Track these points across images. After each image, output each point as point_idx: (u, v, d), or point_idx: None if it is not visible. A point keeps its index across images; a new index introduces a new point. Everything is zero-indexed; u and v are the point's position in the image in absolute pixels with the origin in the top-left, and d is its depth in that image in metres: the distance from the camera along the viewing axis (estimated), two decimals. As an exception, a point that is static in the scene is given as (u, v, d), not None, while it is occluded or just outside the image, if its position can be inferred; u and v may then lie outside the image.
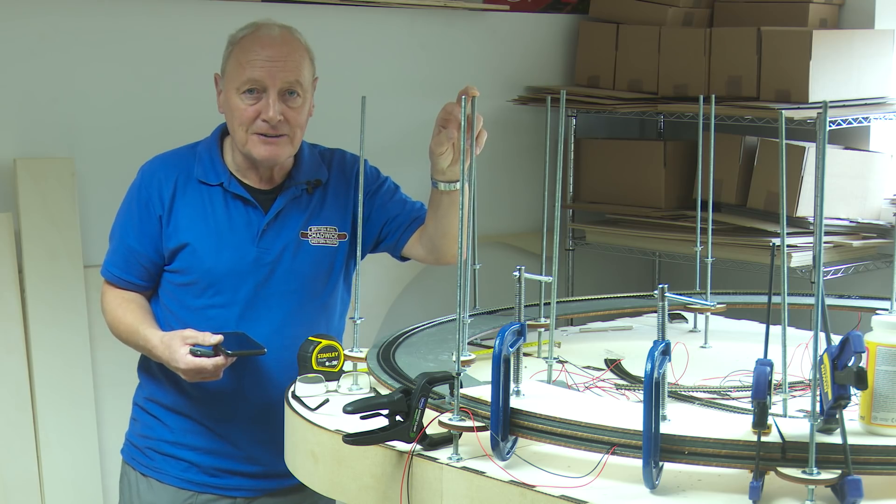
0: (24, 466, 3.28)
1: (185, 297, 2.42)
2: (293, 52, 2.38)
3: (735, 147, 3.94)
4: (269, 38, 2.37)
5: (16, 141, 3.36)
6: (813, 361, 1.60)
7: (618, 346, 2.46)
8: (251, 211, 2.43)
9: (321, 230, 2.46)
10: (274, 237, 2.42)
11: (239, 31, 2.41)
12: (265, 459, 2.44)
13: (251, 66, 2.34)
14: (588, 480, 1.60)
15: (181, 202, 2.42)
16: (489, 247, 4.10)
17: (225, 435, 2.45)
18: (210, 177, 2.43)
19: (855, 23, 4.09)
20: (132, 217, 2.45)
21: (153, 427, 2.49)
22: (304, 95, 2.39)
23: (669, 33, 4.19)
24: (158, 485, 2.47)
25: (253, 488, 2.48)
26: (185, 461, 2.46)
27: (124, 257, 2.45)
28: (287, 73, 2.36)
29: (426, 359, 2.10)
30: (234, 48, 2.39)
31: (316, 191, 2.48)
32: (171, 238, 2.41)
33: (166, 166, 2.45)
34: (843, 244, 3.84)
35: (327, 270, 2.47)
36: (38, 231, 3.33)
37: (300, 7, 3.80)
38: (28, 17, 3.35)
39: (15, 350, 3.28)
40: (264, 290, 2.41)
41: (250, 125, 2.36)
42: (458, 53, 4.23)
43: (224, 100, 2.41)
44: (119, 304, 2.45)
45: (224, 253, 2.40)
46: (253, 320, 2.40)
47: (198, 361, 2.24)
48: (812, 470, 1.51)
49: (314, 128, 2.72)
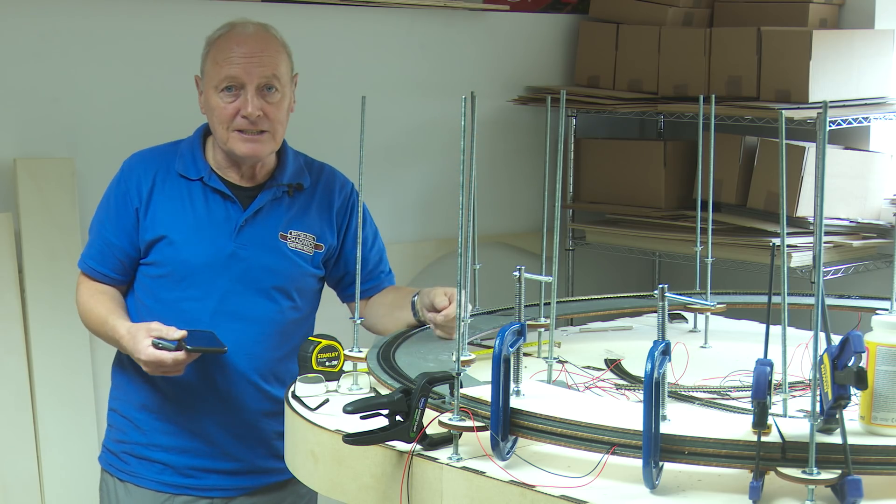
0: (24, 466, 3.28)
1: (160, 290, 2.44)
2: (268, 47, 2.41)
3: (735, 147, 3.94)
4: (244, 35, 2.40)
5: (16, 141, 3.36)
6: (813, 361, 1.60)
7: (618, 346, 2.46)
8: (230, 206, 2.44)
9: (300, 236, 2.48)
10: (252, 234, 2.44)
11: (215, 32, 2.44)
12: (241, 454, 2.45)
13: (228, 64, 2.37)
14: (588, 480, 1.60)
15: (160, 195, 2.44)
16: (489, 247, 4.10)
17: (197, 431, 2.46)
18: (190, 171, 2.45)
19: (855, 23, 4.09)
20: (109, 210, 2.48)
21: (126, 431, 2.50)
22: (282, 90, 2.41)
23: (669, 33, 4.19)
24: (135, 489, 2.48)
25: (230, 487, 2.48)
26: (159, 463, 2.47)
27: (100, 250, 2.47)
28: (263, 69, 2.38)
29: (426, 359, 2.10)
30: (211, 48, 2.42)
31: (298, 196, 2.49)
32: (147, 231, 2.43)
33: (146, 161, 2.48)
34: (843, 244, 3.84)
35: (301, 275, 2.49)
36: (38, 231, 3.33)
37: (300, 7, 3.80)
38: (28, 17, 3.35)
39: (15, 350, 3.28)
40: (238, 286, 2.43)
41: (230, 122, 2.38)
42: (458, 53, 4.23)
43: (204, 100, 2.44)
44: (91, 296, 2.47)
45: (200, 246, 2.42)
46: (225, 315, 2.42)
47: (158, 354, 2.26)
48: (812, 470, 1.51)
49: (314, 128, 2.73)
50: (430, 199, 4.19)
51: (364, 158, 2.13)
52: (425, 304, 2.30)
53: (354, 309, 2.17)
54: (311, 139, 2.56)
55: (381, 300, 2.55)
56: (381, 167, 3.99)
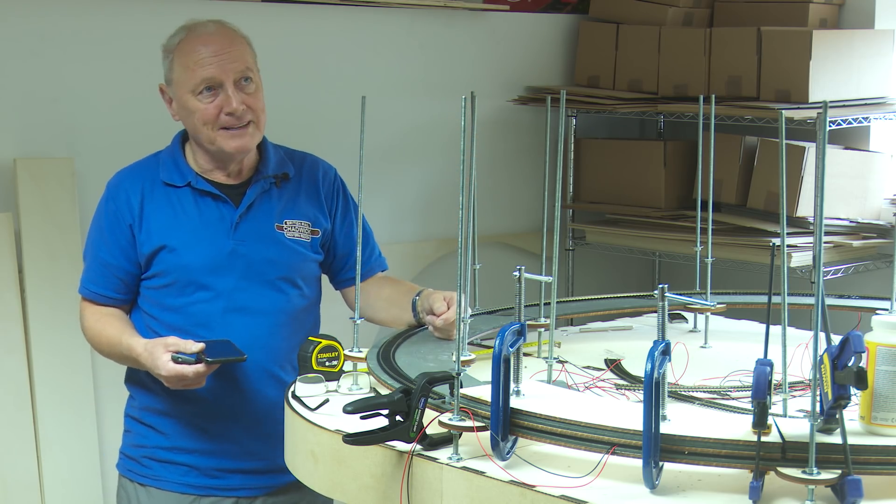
0: (24, 466, 3.28)
1: (166, 298, 2.43)
2: (233, 41, 2.42)
3: (735, 147, 3.94)
4: (207, 34, 2.41)
5: (16, 141, 3.36)
6: (813, 361, 1.60)
7: (618, 346, 2.46)
8: (222, 206, 2.45)
9: (296, 224, 2.49)
10: (248, 229, 2.44)
11: (172, 38, 2.44)
12: (265, 453, 2.44)
13: (200, 66, 2.37)
14: (588, 480, 1.60)
15: (150, 207, 2.44)
16: (489, 247, 4.10)
17: (222, 433, 2.45)
18: (176, 178, 2.45)
19: (855, 23, 4.09)
20: (103, 231, 2.46)
21: (148, 436, 2.49)
22: (255, 80, 2.43)
23: (669, 33, 4.19)
24: (158, 492, 2.47)
25: (254, 486, 2.48)
26: (183, 465, 2.46)
27: (100, 273, 2.46)
28: (236, 63, 2.39)
29: (426, 359, 2.10)
30: (174, 54, 2.42)
31: (285, 186, 2.50)
32: (144, 244, 2.42)
33: (131, 176, 2.48)
34: (843, 244, 3.84)
35: (303, 263, 2.49)
36: (38, 231, 3.33)
37: (300, 7, 3.80)
38: (28, 17, 3.35)
39: (15, 350, 3.28)
40: (244, 282, 2.43)
41: (215, 122, 2.39)
42: (458, 53, 4.23)
43: (179, 106, 2.44)
44: (98, 319, 2.46)
45: (200, 248, 2.42)
46: (236, 312, 2.41)
47: (179, 368, 2.25)
48: (812, 470, 1.51)
49: (314, 128, 2.73)
50: (430, 199, 4.19)
51: (364, 158, 2.13)
52: (425, 308, 2.31)
53: (354, 307, 2.17)
54: (312, 139, 2.57)
55: (380, 293, 2.54)
56: (381, 167, 3.99)
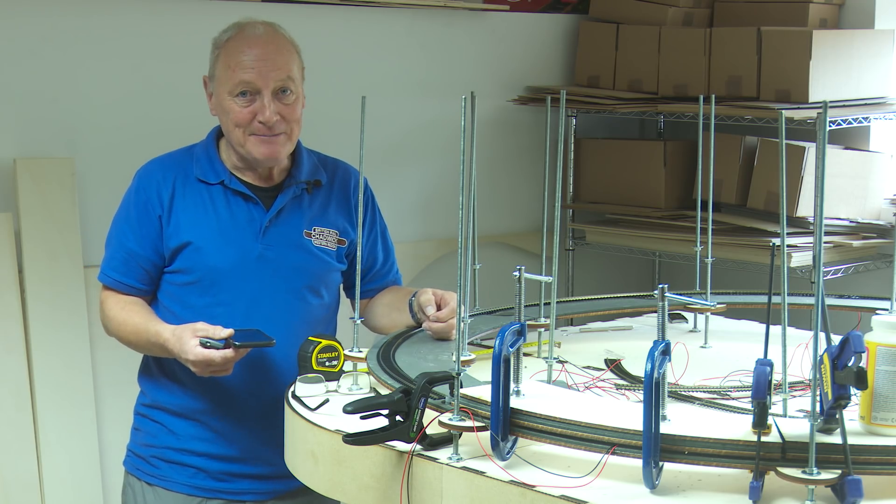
0: (24, 466, 3.28)
1: (188, 296, 2.41)
2: (280, 48, 2.38)
3: (735, 147, 3.94)
4: (254, 37, 2.37)
5: (16, 141, 3.36)
6: (813, 361, 1.60)
7: (618, 346, 2.46)
8: (253, 207, 2.42)
9: (324, 232, 2.47)
10: (277, 234, 2.42)
11: (223, 34, 2.41)
12: (275, 459, 2.42)
13: (241, 69, 2.34)
14: (588, 480, 1.60)
15: (181, 202, 2.41)
16: (489, 247, 4.10)
17: (234, 438, 2.43)
18: (209, 175, 2.43)
19: (855, 23, 4.09)
20: (130, 220, 2.43)
21: (157, 435, 2.47)
22: (296, 91, 2.39)
23: (669, 33, 4.19)
24: (165, 493, 2.45)
25: (262, 491, 2.46)
26: (192, 467, 2.44)
27: (123, 261, 2.43)
28: (278, 72, 2.35)
29: (426, 359, 2.10)
30: (221, 51, 2.39)
31: (316, 192, 2.48)
32: (171, 238, 2.40)
33: (163, 168, 2.45)
34: (843, 244, 3.84)
35: (328, 272, 2.47)
36: (38, 231, 3.33)
37: (300, 7, 3.80)
38: (28, 17, 3.35)
39: (15, 350, 3.28)
40: (268, 288, 2.41)
41: (247, 126, 2.36)
42: (458, 53, 4.23)
43: (216, 103, 2.41)
44: (122, 308, 2.42)
45: (227, 249, 2.39)
46: (257, 318, 2.38)
47: (207, 353, 2.21)
48: (812, 470, 1.51)
49: (314, 128, 2.73)
50: (430, 199, 4.19)
51: (364, 158, 2.13)
52: (420, 308, 2.31)
53: (354, 308, 2.17)
54: (311, 139, 2.55)
55: (381, 300, 2.54)
56: (381, 167, 3.98)
